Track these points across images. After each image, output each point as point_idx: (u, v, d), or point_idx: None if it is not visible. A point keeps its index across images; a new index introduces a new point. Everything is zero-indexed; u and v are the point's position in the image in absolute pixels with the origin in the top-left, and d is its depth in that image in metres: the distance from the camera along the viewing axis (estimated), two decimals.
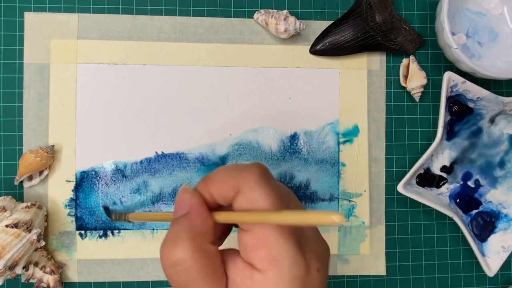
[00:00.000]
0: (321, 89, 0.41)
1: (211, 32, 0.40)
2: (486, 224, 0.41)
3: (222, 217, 0.22)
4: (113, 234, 0.39)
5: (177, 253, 0.20)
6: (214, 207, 0.23)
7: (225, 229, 0.25)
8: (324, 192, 0.41)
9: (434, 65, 0.42)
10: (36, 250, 0.36)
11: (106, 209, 0.38)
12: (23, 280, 0.36)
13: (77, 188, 0.39)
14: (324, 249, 0.23)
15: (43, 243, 0.35)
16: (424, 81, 0.40)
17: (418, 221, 0.42)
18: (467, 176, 0.42)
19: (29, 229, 0.33)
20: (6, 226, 0.32)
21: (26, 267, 0.35)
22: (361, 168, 0.41)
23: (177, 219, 0.22)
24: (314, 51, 0.41)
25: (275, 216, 0.19)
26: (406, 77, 0.41)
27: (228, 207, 0.22)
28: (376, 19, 0.40)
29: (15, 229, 0.32)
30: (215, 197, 0.22)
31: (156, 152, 0.39)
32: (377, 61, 0.41)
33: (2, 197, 0.36)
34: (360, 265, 0.41)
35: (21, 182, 0.38)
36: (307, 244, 0.22)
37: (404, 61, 0.42)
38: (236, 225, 0.23)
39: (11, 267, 0.32)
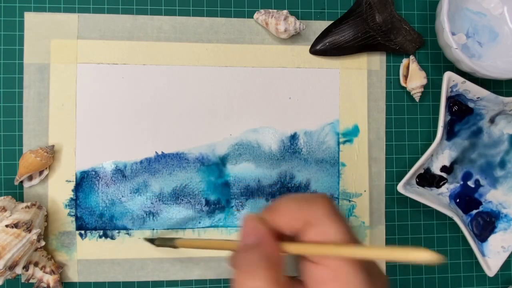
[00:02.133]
0: (321, 89, 0.41)
1: (211, 32, 0.40)
2: (486, 224, 0.41)
3: (293, 248, 0.22)
4: (113, 234, 0.39)
5: (256, 282, 0.20)
6: (278, 236, 0.22)
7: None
8: (324, 192, 0.41)
9: (434, 65, 0.42)
10: (36, 250, 0.36)
11: (147, 239, 0.38)
12: (23, 280, 0.36)
13: (77, 188, 0.39)
14: (386, 283, 0.23)
15: (43, 243, 0.35)
16: (424, 81, 0.40)
17: (418, 221, 0.42)
18: (467, 176, 0.42)
19: (29, 229, 0.33)
20: (6, 226, 0.32)
21: (26, 267, 0.35)
22: (361, 168, 0.41)
23: (248, 248, 0.22)
24: (314, 51, 0.41)
25: (353, 250, 0.19)
26: (406, 77, 0.41)
27: (291, 238, 0.22)
28: (376, 19, 0.40)
29: (15, 229, 0.32)
30: (282, 227, 0.22)
31: (156, 152, 0.39)
32: (377, 61, 0.41)
33: (2, 197, 0.36)
34: None
35: (21, 182, 0.38)
36: (374, 278, 0.21)
37: (404, 61, 0.42)
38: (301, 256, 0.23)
39: (11, 267, 0.32)
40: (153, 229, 0.39)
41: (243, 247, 0.22)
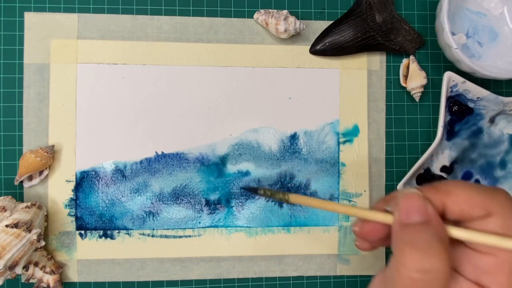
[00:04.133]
0: (321, 89, 0.41)
1: (211, 32, 0.40)
2: None
3: (463, 234, 0.21)
4: (113, 234, 0.39)
5: (434, 261, 0.20)
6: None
7: (385, 240, 0.25)
8: (324, 192, 0.41)
9: (434, 65, 0.42)
10: (36, 250, 0.36)
11: (245, 188, 0.36)
12: (23, 280, 0.36)
13: (77, 188, 0.39)
14: None
15: (43, 243, 0.35)
16: (424, 81, 0.40)
17: None
18: (467, 176, 0.42)
19: (29, 229, 0.33)
20: (6, 226, 0.32)
21: (26, 267, 0.35)
22: (361, 168, 0.41)
23: (416, 226, 0.21)
24: (314, 51, 0.41)
25: None
26: (406, 77, 0.41)
27: (448, 222, 0.22)
28: (376, 19, 0.40)
29: (15, 229, 0.32)
30: (449, 210, 0.22)
31: (156, 152, 0.39)
32: (377, 61, 0.41)
33: (2, 197, 0.36)
34: (360, 265, 0.41)
35: (21, 182, 0.38)
36: None
37: (404, 61, 0.42)
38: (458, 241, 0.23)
39: (11, 267, 0.32)
40: (153, 229, 0.39)
41: (410, 223, 0.21)
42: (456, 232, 0.21)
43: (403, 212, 0.22)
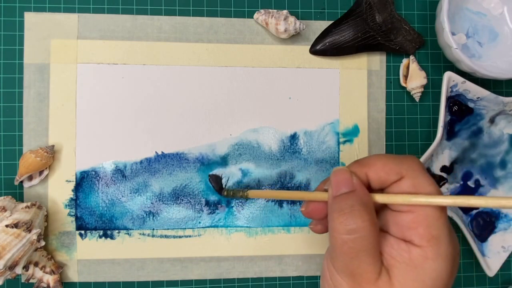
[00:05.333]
0: (321, 89, 0.41)
1: (211, 32, 0.40)
2: (486, 224, 0.41)
3: (383, 198, 0.24)
4: (113, 234, 0.39)
5: (357, 221, 0.23)
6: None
7: None
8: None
9: (434, 65, 0.42)
10: (36, 250, 0.36)
11: (212, 178, 0.37)
12: (23, 280, 0.36)
13: (77, 188, 0.39)
14: (456, 237, 0.25)
15: (43, 243, 0.35)
16: (424, 81, 0.40)
17: None
18: (467, 176, 0.42)
19: (29, 229, 0.33)
20: (6, 226, 0.32)
21: (26, 267, 0.35)
22: None
23: (343, 195, 0.24)
24: (314, 51, 0.41)
25: (445, 199, 0.22)
26: (406, 77, 0.41)
27: (373, 191, 0.25)
28: (376, 19, 0.40)
29: (15, 229, 0.32)
30: (371, 179, 0.25)
31: (156, 152, 0.39)
32: (377, 61, 0.41)
33: (2, 197, 0.36)
34: None
35: (21, 182, 0.38)
36: (452, 228, 0.24)
37: (404, 61, 0.42)
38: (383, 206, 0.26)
39: (11, 267, 0.32)
40: (153, 229, 0.39)
41: (339, 194, 0.24)
42: (379, 197, 0.25)
43: (334, 186, 0.25)
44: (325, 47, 0.40)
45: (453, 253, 0.23)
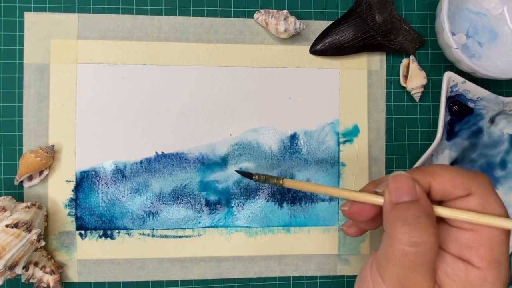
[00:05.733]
0: (321, 89, 0.41)
1: (211, 32, 0.40)
2: None
3: (446, 212, 0.23)
4: (113, 234, 0.39)
5: (423, 234, 0.22)
6: None
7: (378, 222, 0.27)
8: None
9: (434, 65, 0.42)
10: (36, 250, 0.36)
11: (241, 172, 0.35)
12: (23, 280, 0.36)
13: (77, 188, 0.39)
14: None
15: (43, 243, 0.35)
16: (424, 81, 0.40)
17: None
18: None
19: (29, 229, 0.33)
20: (6, 226, 0.32)
21: (26, 267, 0.35)
22: (361, 168, 0.41)
23: (407, 204, 0.23)
24: (314, 51, 0.41)
25: (509, 223, 0.22)
26: (406, 77, 0.41)
27: (433, 202, 0.24)
28: (376, 19, 0.40)
29: (15, 229, 0.32)
30: (434, 190, 0.24)
31: (156, 152, 0.39)
32: (377, 61, 0.41)
33: (2, 197, 0.36)
34: (360, 265, 0.41)
35: (21, 182, 0.38)
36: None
37: (404, 61, 0.42)
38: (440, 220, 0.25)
39: (11, 267, 0.32)
40: (153, 229, 0.39)
41: (401, 202, 0.23)
42: (441, 211, 0.23)
43: (393, 192, 0.24)
44: (325, 47, 0.40)
45: (509, 279, 0.22)
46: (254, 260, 0.40)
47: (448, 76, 0.38)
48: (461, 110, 0.41)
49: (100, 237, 0.39)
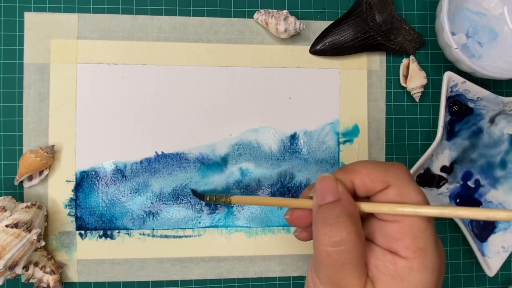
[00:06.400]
0: (321, 89, 0.41)
1: (211, 32, 0.40)
2: (486, 224, 0.41)
3: (369, 207, 0.24)
4: (113, 234, 0.39)
5: (342, 233, 0.22)
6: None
7: None
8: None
9: (434, 65, 0.42)
10: (36, 250, 0.36)
11: (194, 192, 0.38)
12: (23, 280, 0.36)
13: (77, 188, 0.39)
14: (443, 248, 0.25)
15: (43, 243, 0.35)
16: (424, 81, 0.40)
17: None
18: (467, 176, 0.42)
19: (29, 229, 0.33)
20: (6, 226, 0.32)
21: (26, 267, 0.35)
22: None
23: (328, 205, 0.23)
24: (314, 51, 0.41)
25: (433, 210, 0.22)
26: (406, 77, 0.41)
27: (360, 199, 0.24)
28: (376, 19, 0.40)
29: (15, 229, 0.32)
30: (357, 187, 0.24)
31: (156, 152, 0.39)
32: (377, 61, 0.41)
33: (2, 197, 0.36)
34: None
35: (21, 182, 0.38)
36: (438, 240, 0.24)
37: (404, 61, 0.42)
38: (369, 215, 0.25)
39: (11, 267, 0.32)
40: (153, 229, 0.39)
41: (324, 204, 0.23)
42: (365, 206, 0.24)
43: (319, 194, 0.24)
44: (325, 47, 0.40)
45: (439, 265, 0.23)
46: (254, 260, 0.40)
47: (448, 76, 0.38)
48: (461, 110, 0.41)
49: (100, 237, 0.39)
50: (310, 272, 0.25)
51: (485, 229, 0.41)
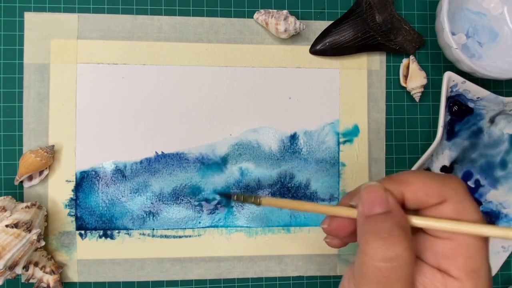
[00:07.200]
0: (321, 89, 0.41)
1: (211, 32, 0.40)
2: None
3: (422, 222, 0.22)
4: (113, 234, 0.39)
5: (397, 249, 0.20)
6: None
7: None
8: (324, 192, 0.41)
9: (434, 65, 0.42)
10: (36, 250, 0.36)
11: (221, 194, 0.38)
12: (23, 280, 0.36)
13: (77, 188, 0.39)
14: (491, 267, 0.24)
15: (43, 243, 0.35)
16: (424, 81, 0.40)
17: None
18: (467, 176, 0.42)
19: (29, 229, 0.33)
20: (6, 226, 0.32)
21: (26, 267, 0.35)
22: (361, 168, 0.41)
23: (378, 217, 0.22)
24: (314, 51, 0.41)
25: (489, 230, 0.20)
26: (406, 77, 0.41)
27: (408, 212, 0.23)
28: (376, 19, 0.40)
29: (15, 229, 0.32)
30: (407, 199, 0.23)
31: (156, 152, 0.39)
32: (377, 61, 0.41)
33: (2, 197, 0.36)
34: None
35: (21, 182, 0.38)
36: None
37: (404, 61, 0.42)
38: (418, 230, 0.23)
39: (11, 267, 0.32)
40: (153, 229, 0.39)
41: (373, 215, 0.22)
42: (416, 220, 0.22)
43: (365, 204, 0.22)
44: (325, 47, 0.40)
45: (491, 287, 0.21)
46: (254, 260, 0.40)
47: (448, 76, 0.38)
48: (461, 110, 0.41)
49: (100, 237, 0.39)
50: (347, 283, 0.23)
51: None
